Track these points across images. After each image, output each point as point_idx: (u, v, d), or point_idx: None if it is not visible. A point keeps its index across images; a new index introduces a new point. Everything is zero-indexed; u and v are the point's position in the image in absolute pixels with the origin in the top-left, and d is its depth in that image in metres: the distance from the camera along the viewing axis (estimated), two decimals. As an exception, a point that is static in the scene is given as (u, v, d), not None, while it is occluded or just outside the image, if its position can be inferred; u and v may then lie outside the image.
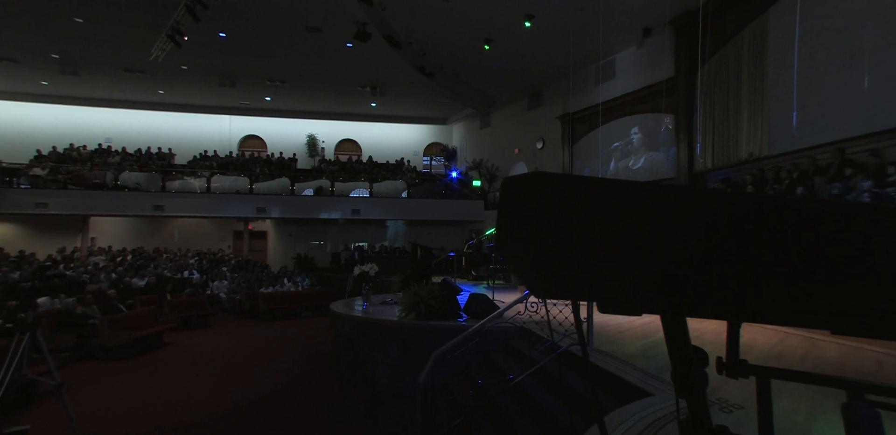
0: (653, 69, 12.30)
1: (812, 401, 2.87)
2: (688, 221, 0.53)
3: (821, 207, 0.49)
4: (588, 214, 0.56)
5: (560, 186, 0.56)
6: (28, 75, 15.67)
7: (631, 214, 0.55)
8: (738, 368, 1.24)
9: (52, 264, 11.27)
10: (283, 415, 4.69)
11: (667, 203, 0.53)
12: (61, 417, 3.63)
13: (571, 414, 3.11)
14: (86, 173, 15.16)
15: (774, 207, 0.50)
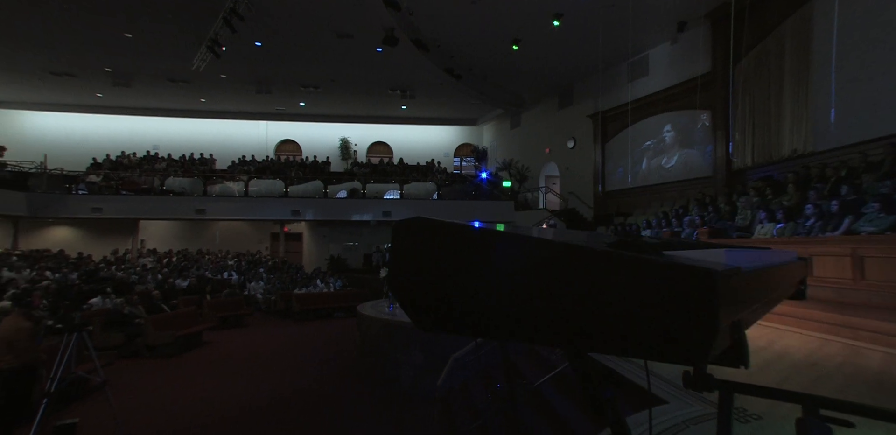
0: (688, 64, 11.90)
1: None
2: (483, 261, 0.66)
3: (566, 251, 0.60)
4: (445, 255, 0.68)
5: (431, 231, 0.69)
6: (85, 88, 16.79)
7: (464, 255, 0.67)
8: (703, 383, 1.26)
9: (105, 266, 12.06)
10: (311, 412, 4.87)
11: (477, 245, 0.67)
12: (107, 411, 3.93)
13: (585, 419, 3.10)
14: (136, 179, 16.09)
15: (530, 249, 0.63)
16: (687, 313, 0.53)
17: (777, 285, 1.01)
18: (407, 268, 0.71)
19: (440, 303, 0.69)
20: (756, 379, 3.47)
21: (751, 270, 0.70)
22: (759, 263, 0.83)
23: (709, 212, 8.98)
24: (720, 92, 10.80)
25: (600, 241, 0.72)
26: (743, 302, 0.66)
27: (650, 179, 13.29)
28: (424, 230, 0.70)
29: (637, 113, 13.58)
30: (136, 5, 10.87)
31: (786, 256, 1.39)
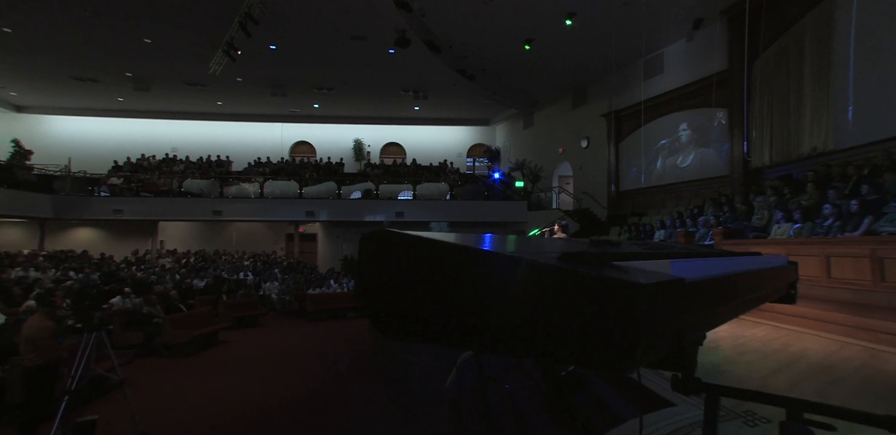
0: (704, 62, 11.72)
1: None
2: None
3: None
4: (404, 265, 0.73)
5: (392, 243, 0.74)
6: (107, 93, 17.23)
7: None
8: (691, 386, 1.27)
9: (125, 266, 12.36)
10: (322, 411, 4.93)
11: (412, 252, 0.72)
12: (125, 408, 4.05)
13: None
14: (155, 181, 16.46)
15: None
16: (610, 323, 0.56)
17: (742, 292, 1.02)
18: (372, 278, 0.74)
19: (401, 312, 0.72)
20: (769, 382, 3.42)
21: (699, 280, 0.72)
22: (715, 273, 0.84)
23: (724, 212, 8.84)
24: (737, 89, 10.61)
25: (554, 252, 0.74)
26: (686, 311, 0.68)
27: (665, 179, 13.12)
28: (387, 242, 0.74)
29: (652, 112, 13.41)
30: (155, 12, 11.13)
31: (768, 261, 1.39)
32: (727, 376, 3.53)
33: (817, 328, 5.31)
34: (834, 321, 5.18)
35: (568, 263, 0.62)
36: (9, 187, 13.54)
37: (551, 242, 1.09)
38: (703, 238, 8.01)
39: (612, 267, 0.65)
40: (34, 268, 11.18)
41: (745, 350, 4.43)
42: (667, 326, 0.61)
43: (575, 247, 0.94)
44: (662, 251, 1.19)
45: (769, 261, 1.40)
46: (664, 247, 1.45)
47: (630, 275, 0.59)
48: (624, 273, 0.60)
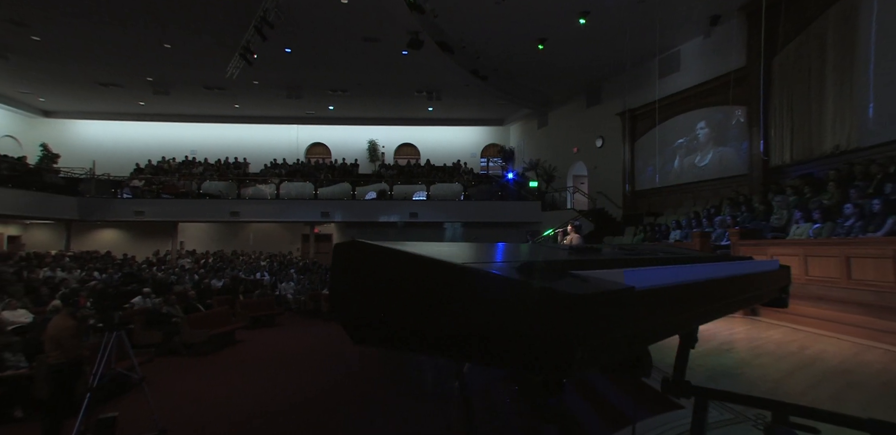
0: (721, 59, 11.51)
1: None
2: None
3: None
4: (370, 274, 0.78)
5: (362, 253, 0.79)
6: (129, 97, 17.68)
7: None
8: (680, 389, 1.28)
9: (147, 266, 12.68)
10: (334, 410, 5.00)
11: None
12: (145, 406, 4.17)
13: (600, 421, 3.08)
14: (175, 183, 16.83)
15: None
16: (547, 331, 0.59)
17: (708, 299, 1.03)
18: (342, 285, 0.79)
19: (368, 318, 0.75)
20: (782, 385, 3.36)
21: (652, 288, 0.73)
22: (674, 281, 0.85)
23: (742, 212, 8.68)
24: (756, 87, 10.40)
25: (515, 262, 0.77)
26: (635, 318, 0.70)
27: (683, 178, 12.92)
28: (357, 252, 0.78)
29: (668, 110, 13.23)
30: (174, 18, 11.39)
31: (755, 266, 1.38)
32: (740, 379, 3.48)
33: (837, 330, 5.19)
34: (854, 323, 5.06)
35: (515, 273, 0.64)
36: (37, 190, 14.00)
37: (527, 249, 1.12)
38: (720, 238, 7.88)
39: (565, 276, 0.68)
40: (61, 268, 11.54)
41: (760, 352, 4.36)
42: (609, 332, 0.63)
43: (546, 255, 0.96)
44: (641, 257, 1.20)
45: (756, 265, 1.40)
46: (648, 252, 1.45)
47: (570, 285, 0.62)
48: (566, 283, 0.63)
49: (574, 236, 7.04)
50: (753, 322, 6.26)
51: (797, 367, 3.86)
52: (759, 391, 3.12)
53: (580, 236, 7.14)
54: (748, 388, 3.23)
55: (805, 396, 3.03)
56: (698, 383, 3.38)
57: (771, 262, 1.51)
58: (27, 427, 4.37)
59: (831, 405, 2.84)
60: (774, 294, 1.49)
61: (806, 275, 5.78)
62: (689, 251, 1.73)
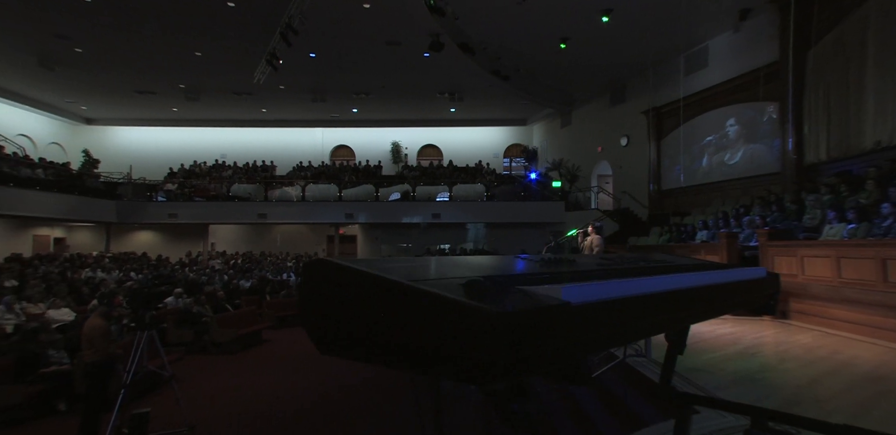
0: (751, 54, 11.16)
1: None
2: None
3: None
4: (334, 291, 0.86)
5: (327, 271, 0.87)
6: (162, 104, 18.39)
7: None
8: (664, 395, 1.30)
9: (179, 267, 13.17)
10: (355, 409, 5.10)
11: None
12: (174, 402, 4.36)
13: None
14: (206, 186, 17.41)
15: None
16: (474, 345, 0.65)
17: (661, 310, 1.05)
18: (310, 299, 0.87)
19: (331, 330, 0.83)
20: (805, 392, 3.26)
21: (592, 302, 0.77)
22: (621, 294, 0.88)
23: (773, 211, 8.39)
24: (790, 81, 10.02)
25: (462, 278, 0.83)
26: (571, 331, 0.75)
27: (711, 177, 12.58)
28: (321, 269, 0.85)
29: (695, 107, 12.90)
30: (204, 27, 11.80)
31: (736, 275, 1.38)
32: (760, 385, 3.39)
33: (871, 335, 4.98)
34: (890, 328, 4.84)
35: (457, 291, 0.69)
36: (79, 194, 14.73)
37: (497, 263, 1.16)
38: (748, 239, 7.64)
39: (507, 293, 0.72)
40: (101, 269, 12.11)
41: (786, 357, 4.22)
42: (537, 346, 0.66)
43: (510, 268, 1.00)
44: (609, 268, 1.22)
45: (737, 274, 1.40)
46: (629, 261, 1.46)
47: (504, 302, 0.67)
48: (501, 300, 0.67)
49: (595, 238, 6.96)
50: (782, 325, 6.07)
51: (825, 373, 3.72)
52: (779, 398, 3.03)
53: (601, 237, 7.05)
54: (769, 393, 3.15)
55: (829, 403, 2.93)
56: (716, 388, 3.33)
57: (757, 270, 1.51)
58: (70, 420, 4.62)
59: (856, 414, 2.74)
60: (760, 302, 1.50)
61: (839, 277, 5.56)
62: (675, 259, 1.72)
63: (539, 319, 0.67)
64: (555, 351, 0.71)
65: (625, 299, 0.87)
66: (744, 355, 4.33)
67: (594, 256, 1.59)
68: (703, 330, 5.44)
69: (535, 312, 0.67)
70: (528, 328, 0.65)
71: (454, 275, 0.85)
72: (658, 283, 1.03)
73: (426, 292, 0.69)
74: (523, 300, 0.70)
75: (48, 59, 13.66)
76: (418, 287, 0.70)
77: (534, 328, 0.66)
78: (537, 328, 0.66)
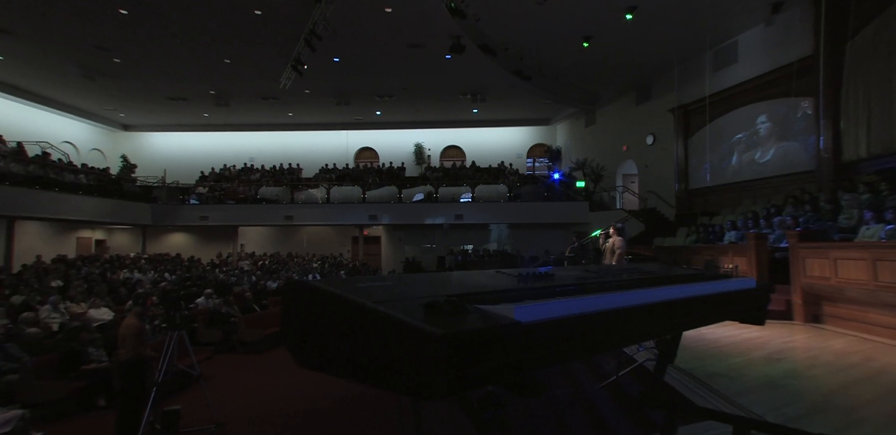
0: (784, 48, 10.78)
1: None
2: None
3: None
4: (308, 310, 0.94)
5: (302, 292, 0.96)
6: (194, 110, 19.05)
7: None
8: (652, 401, 1.32)
9: (210, 268, 13.63)
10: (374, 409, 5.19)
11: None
12: (203, 400, 4.55)
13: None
14: (235, 189, 17.93)
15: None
16: (419, 363, 0.72)
17: (621, 325, 1.08)
18: (289, 317, 0.94)
19: (306, 345, 0.90)
20: (832, 399, 3.15)
21: (544, 321, 0.79)
22: (574, 311, 0.90)
23: (806, 211, 8.09)
24: (826, 75, 9.64)
25: (423, 298, 0.88)
26: (518, 349, 0.79)
27: (742, 175, 12.21)
28: (300, 290, 0.94)
29: (725, 104, 12.55)
30: (232, 35, 12.18)
31: (718, 287, 1.37)
32: (783, 391, 3.29)
33: (911, 343, 4.75)
34: (931, 336, 4.62)
35: (416, 311, 0.74)
36: (118, 198, 15.41)
37: (466, 280, 1.20)
38: (779, 240, 7.40)
39: (463, 313, 0.77)
40: (137, 270, 12.64)
41: (815, 363, 4.08)
42: (482, 363, 0.71)
43: (483, 285, 1.04)
44: (587, 283, 1.24)
45: (722, 286, 1.39)
46: (608, 275, 1.46)
47: (449, 323, 0.71)
48: (452, 321, 0.72)
49: (616, 239, 6.86)
50: (815, 330, 5.86)
51: (857, 380, 3.58)
52: (803, 405, 2.94)
53: (622, 239, 6.95)
54: (791, 401, 3.05)
55: (857, 412, 2.83)
56: (736, 394, 3.25)
57: (746, 281, 1.50)
58: (108, 415, 4.87)
59: (886, 424, 2.64)
60: (748, 312, 1.49)
61: (875, 280, 5.33)
62: (666, 271, 1.71)
63: (484, 338, 0.72)
64: (503, 367, 0.75)
65: (580, 316, 0.90)
66: (769, 360, 4.20)
67: (579, 268, 1.60)
68: (727, 334, 5.30)
69: (479, 333, 0.72)
70: (471, 347, 0.70)
71: (423, 294, 0.90)
72: (624, 298, 1.05)
73: (380, 313, 0.75)
74: (476, 320, 0.75)
75: (90, 69, 14.36)
76: (373, 308, 0.77)
77: (477, 347, 0.71)
78: (481, 347, 0.71)
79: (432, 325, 0.71)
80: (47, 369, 5.26)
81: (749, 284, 1.52)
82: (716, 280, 1.46)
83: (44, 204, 12.51)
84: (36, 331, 5.91)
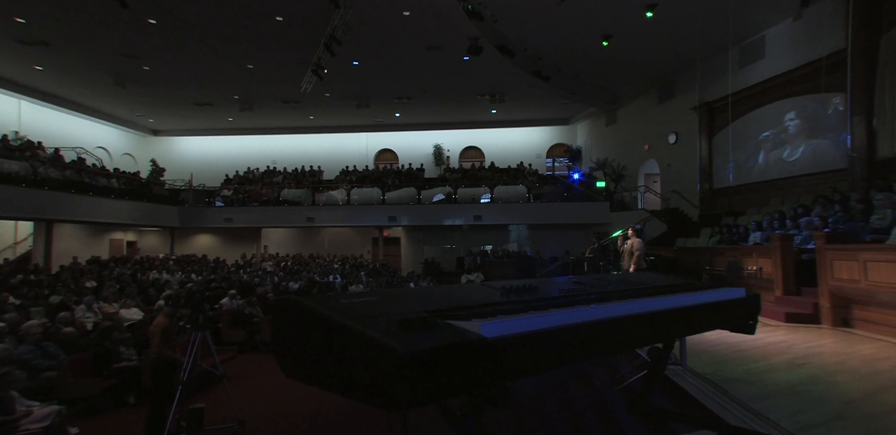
0: (814, 43, 10.44)
1: None
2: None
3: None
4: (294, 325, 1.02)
5: (289, 308, 1.04)
6: (219, 114, 19.57)
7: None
8: (640, 410, 1.35)
9: (235, 269, 13.98)
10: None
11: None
12: (227, 399, 4.70)
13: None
14: (259, 191, 18.34)
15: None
16: (382, 378, 0.78)
17: (594, 337, 1.11)
18: (279, 330, 1.01)
19: (292, 356, 0.97)
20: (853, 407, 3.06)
21: (502, 337, 0.85)
22: (540, 326, 0.93)
23: (835, 211, 7.82)
24: (858, 70, 9.30)
25: (396, 314, 0.95)
26: (483, 363, 0.84)
27: (769, 174, 11.87)
28: (287, 306, 1.05)
29: (750, 101, 12.23)
30: (255, 41, 12.49)
31: (703, 298, 1.37)
32: (801, 398, 3.21)
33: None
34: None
35: (390, 328, 0.80)
36: (148, 201, 15.96)
37: (448, 295, 1.24)
38: (806, 241, 7.18)
39: (435, 328, 0.81)
40: (165, 271, 13.07)
41: (839, 369, 3.96)
42: (446, 377, 0.75)
43: (463, 299, 1.09)
44: (571, 296, 1.27)
45: (707, 297, 1.40)
46: (595, 287, 1.48)
47: (417, 339, 0.76)
48: (419, 338, 0.76)
49: (635, 241, 6.77)
50: (844, 334, 5.67)
51: (883, 387, 3.46)
52: (820, 412, 2.86)
53: (641, 241, 6.85)
54: (808, 407, 2.97)
55: (879, 421, 2.73)
56: (751, 400, 3.19)
57: (735, 291, 1.51)
58: (138, 412, 5.07)
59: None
60: (736, 322, 1.51)
61: (908, 285, 5.13)
62: (655, 281, 1.71)
63: (447, 354, 0.76)
64: (467, 381, 0.80)
65: (548, 331, 0.94)
66: (791, 366, 4.09)
67: (565, 281, 1.62)
68: (749, 338, 5.18)
69: (442, 348, 0.76)
70: (434, 362, 0.74)
71: (403, 310, 0.96)
72: (600, 311, 1.08)
73: (351, 329, 0.82)
74: (444, 336, 0.80)
75: (121, 77, 14.94)
76: (345, 324, 0.83)
77: (441, 362, 0.75)
78: (445, 362, 0.76)
79: (398, 341, 0.77)
80: (81, 367, 5.51)
81: (738, 295, 1.53)
82: (705, 291, 1.47)
83: (79, 207, 13.06)
84: (71, 330, 6.18)
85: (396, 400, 0.75)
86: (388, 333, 0.82)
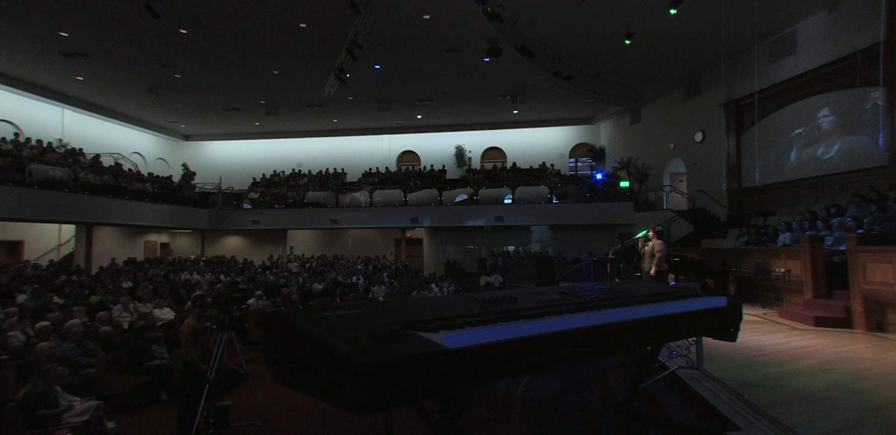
0: (849, 36, 10.07)
1: None
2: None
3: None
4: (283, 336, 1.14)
5: (277, 322, 1.17)
6: (246, 119, 20.14)
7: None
8: (627, 414, 1.40)
9: (262, 270, 14.36)
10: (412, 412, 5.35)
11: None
12: (252, 398, 4.87)
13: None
14: (285, 194, 18.79)
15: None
16: (348, 385, 0.88)
17: (563, 346, 1.18)
18: (271, 340, 1.12)
19: (282, 365, 1.05)
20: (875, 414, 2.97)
21: (464, 347, 0.95)
22: (503, 337, 0.98)
23: (871, 211, 7.52)
24: (892, 63, 8.90)
25: (367, 327, 1.05)
26: (444, 372, 0.92)
27: (801, 172, 11.48)
28: (277, 319, 1.16)
29: (781, 97, 11.85)
30: (280, 47, 12.83)
31: (681, 307, 1.40)
32: (821, 404, 3.13)
33: None
34: None
35: (362, 340, 0.88)
36: (179, 204, 16.56)
37: (425, 307, 1.31)
38: (838, 243, 6.92)
39: (404, 340, 0.89)
40: (196, 272, 13.53)
41: (865, 375, 3.83)
42: (407, 385, 0.85)
43: (442, 311, 1.17)
44: (549, 306, 1.31)
45: (685, 306, 1.43)
46: (570, 297, 1.51)
47: (379, 351, 0.87)
48: (379, 349, 0.88)
49: (657, 242, 6.67)
50: (878, 339, 5.46)
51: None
52: (838, 419, 2.78)
53: (662, 242, 6.74)
54: (826, 414, 2.89)
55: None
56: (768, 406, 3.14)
57: (716, 299, 1.53)
58: (170, 408, 5.30)
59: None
60: (716, 331, 1.56)
61: (947, 289, 4.91)
62: (638, 290, 1.73)
63: (408, 364, 0.85)
64: (427, 388, 0.87)
65: (509, 341, 1.00)
66: (814, 371, 3.98)
67: (545, 290, 1.65)
68: (772, 342, 5.05)
69: (403, 359, 0.84)
70: (396, 372, 0.85)
71: (380, 322, 1.06)
72: (567, 322, 1.13)
73: (323, 341, 0.90)
74: (411, 347, 0.89)
75: (154, 85, 15.58)
76: (318, 336, 0.92)
77: (401, 371, 0.86)
78: (405, 371, 0.87)
79: (364, 353, 0.87)
80: (118, 365, 5.79)
81: (720, 303, 1.57)
82: (686, 299, 1.51)
83: (117, 210, 13.67)
84: (109, 329, 6.50)
85: (360, 405, 0.85)
86: (357, 344, 0.91)
